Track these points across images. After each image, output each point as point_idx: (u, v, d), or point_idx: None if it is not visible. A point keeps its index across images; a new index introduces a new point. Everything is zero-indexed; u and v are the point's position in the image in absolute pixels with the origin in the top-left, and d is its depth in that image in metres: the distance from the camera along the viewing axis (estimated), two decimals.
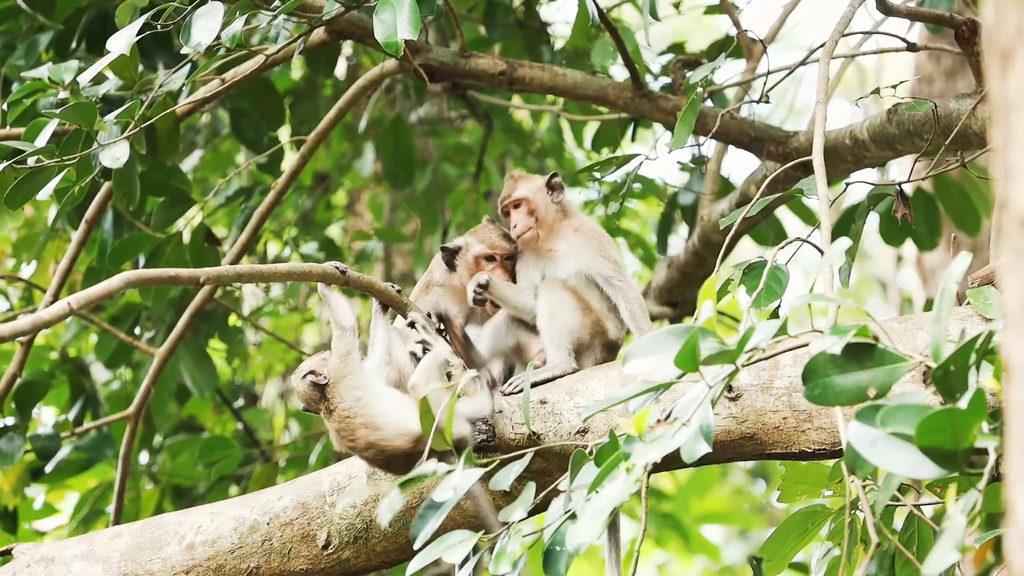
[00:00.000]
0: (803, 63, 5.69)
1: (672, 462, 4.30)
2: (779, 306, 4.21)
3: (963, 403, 2.68)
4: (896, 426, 2.76)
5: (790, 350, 3.35)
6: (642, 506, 3.53)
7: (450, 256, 4.78)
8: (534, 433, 4.32)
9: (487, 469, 3.51)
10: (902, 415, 2.78)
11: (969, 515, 2.78)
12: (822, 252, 4.19)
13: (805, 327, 3.18)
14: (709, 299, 3.15)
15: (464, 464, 3.43)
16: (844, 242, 3.33)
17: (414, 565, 3.44)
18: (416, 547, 3.47)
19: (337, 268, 4.41)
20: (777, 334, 3.08)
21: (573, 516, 3.35)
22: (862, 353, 2.97)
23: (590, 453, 3.50)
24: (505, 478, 3.49)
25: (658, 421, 3.11)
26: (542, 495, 3.62)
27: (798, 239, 4.30)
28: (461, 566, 3.59)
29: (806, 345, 3.12)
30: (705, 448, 3.07)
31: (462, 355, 4.46)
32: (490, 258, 4.73)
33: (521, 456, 3.54)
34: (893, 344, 3.00)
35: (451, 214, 8.50)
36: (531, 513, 3.79)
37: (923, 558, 3.95)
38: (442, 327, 4.54)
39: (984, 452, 2.92)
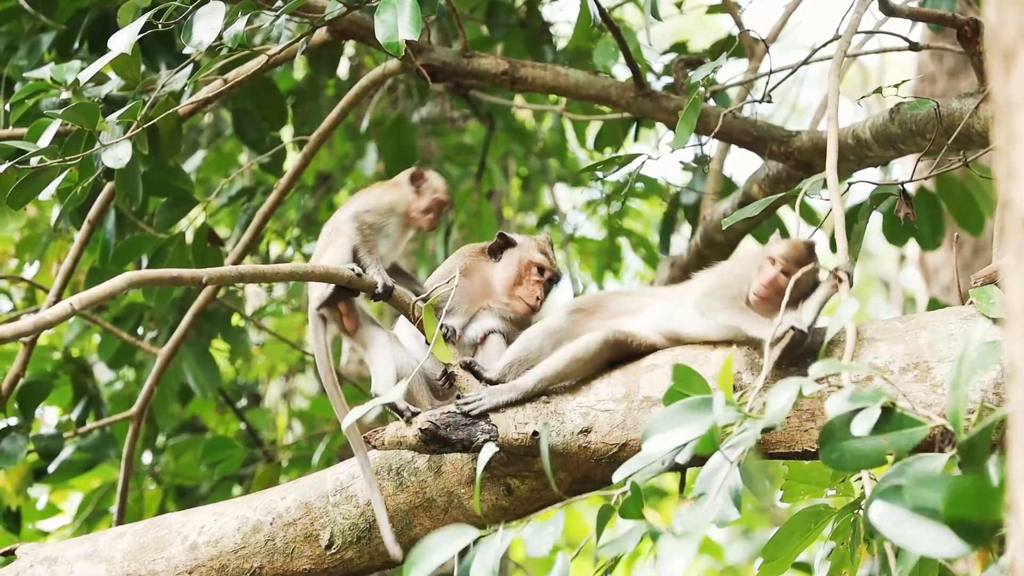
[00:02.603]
0: (805, 63, 5.68)
1: (677, 464, 4.31)
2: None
3: (993, 477, 2.65)
4: (922, 502, 2.73)
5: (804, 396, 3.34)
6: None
7: (504, 246, 4.77)
8: (536, 433, 4.32)
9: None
10: (928, 490, 2.74)
11: None
12: (833, 271, 4.18)
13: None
14: (726, 386, 3.16)
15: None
16: (852, 305, 3.35)
17: (424, 569, 3.39)
18: None
19: (353, 270, 4.45)
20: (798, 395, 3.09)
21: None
22: (880, 416, 2.97)
23: (615, 504, 3.47)
24: (541, 541, 3.44)
25: (681, 496, 3.12)
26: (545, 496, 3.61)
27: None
28: (461, 558, 3.57)
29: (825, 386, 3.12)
30: (735, 514, 3.08)
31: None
32: (540, 271, 4.73)
33: (553, 511, 3.50)
34: (912, 407, 3.00)
35: (454, 214, 8.50)
36: (532, 512, 3.79)
37: (927, 562, 3.95)
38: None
39: None
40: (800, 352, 4.04)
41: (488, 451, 3.56)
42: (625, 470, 3.29)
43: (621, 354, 4.40)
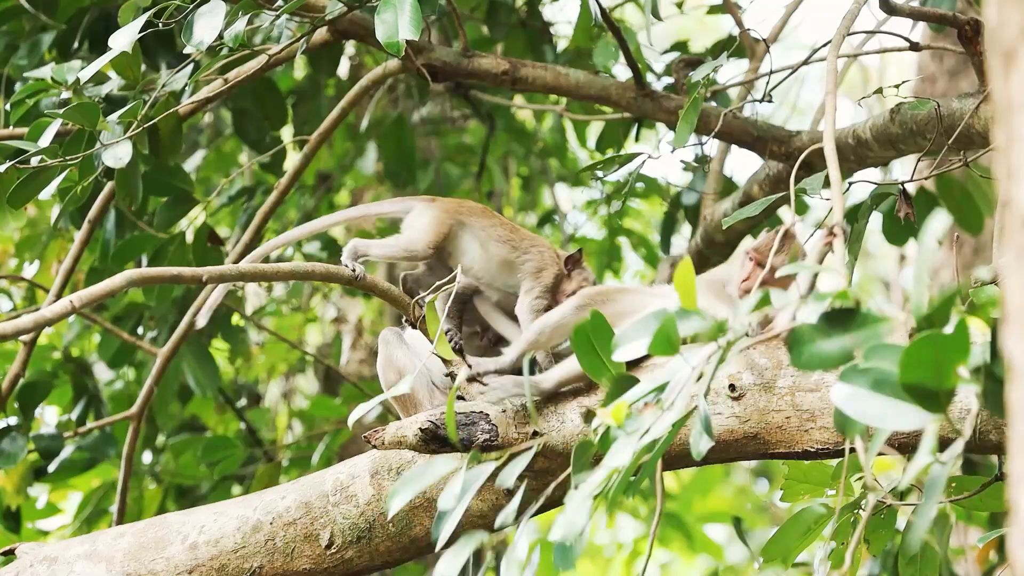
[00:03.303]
0: (806, 62, 5.68)
1: (677, 460, 4.31)
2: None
3: (948, 328, 2.68)
4: (879, 361, 2.76)
5: (774, 337, 3.34)
6: (657, 501, 3.50)
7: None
8: (537, 432, 4.32)
9: (496, 465, 3.50)
10: (884, 360, 2.79)
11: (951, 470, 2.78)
12: (829, 228, 4.18)
13: None
14: (688, 274, 3.14)
15: (469, 463, 3.43)
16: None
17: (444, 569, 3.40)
18: (437, 549, 3.46)
19: (353, 271, 4.46)
20: (758, 306, 3.08)
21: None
22: (846, 317, 2.97)
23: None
24: (509, 475, 3.47)
25: (645, 405, 3.10)
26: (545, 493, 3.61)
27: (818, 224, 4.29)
28: (474, 563, 3.58)
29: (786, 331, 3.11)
30: (708, 443, 3.07)
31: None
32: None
33: (525, 451, 3.53)
34: (876, 304, 2.99)
35: None
36: (535, 512, 3.78)
37: (926, 557, 3.96)
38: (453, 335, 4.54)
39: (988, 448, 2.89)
40: None
41: (464, 373, 3.62)
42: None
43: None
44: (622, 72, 6.66)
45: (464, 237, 4.73)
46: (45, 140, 5.03)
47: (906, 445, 4.05)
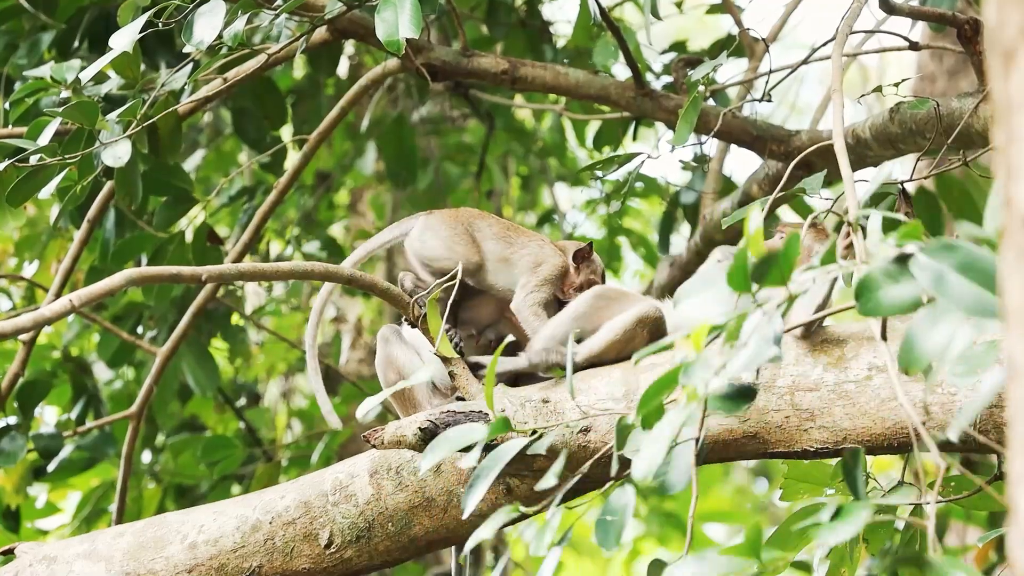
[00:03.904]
0: (805, 62, 5.68)
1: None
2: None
3: None
4: (975, 260, 2.69)
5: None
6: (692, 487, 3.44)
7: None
8: (536, 431, 4.32)
9: (531, 440, 3.49)
10: (983, 250, 2.73)
11: None
12: (849, 224, 4.18)
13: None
14: (756, 213, 3.09)
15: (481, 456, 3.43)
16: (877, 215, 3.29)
17: (474, 540, 3.38)
18: (465, 515, 3.45)
19: (352, 272, 4.46)
20: (826, 260, 3.04)
21: (624, 482, 3.30)
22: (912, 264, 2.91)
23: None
24: (540, 446, 3.44)
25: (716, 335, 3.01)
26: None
27: (823, 212, 4.28)
28: (474, 562, 3.59)
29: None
30: (775, 350, 2.98)
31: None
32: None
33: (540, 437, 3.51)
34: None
35: None
36: (533, 513, 3.78)
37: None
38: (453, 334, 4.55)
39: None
40: None
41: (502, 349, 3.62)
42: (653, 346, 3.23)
43: (654, 335, 4.43)
44: (621, 71, 6.66)
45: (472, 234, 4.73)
46: (44, 139, 5.03)
47: (905, 444, 4.05)
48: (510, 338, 4.54)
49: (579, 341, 4.46)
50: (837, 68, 4.55)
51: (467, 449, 3.74)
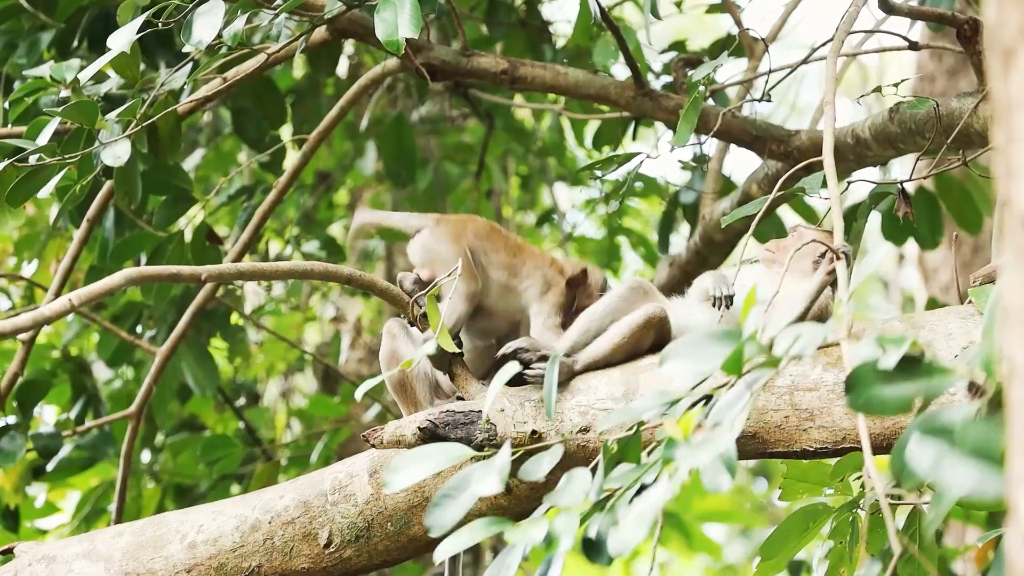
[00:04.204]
0: (805, 62, 5.68)
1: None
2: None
3: None
4: (975, 442, 2.67)
5: (827, 346, 3.33)
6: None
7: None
8: (535, 431, 4.32)
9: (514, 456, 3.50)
10: (980, 431, 2.69)
11: None
12: (832, 249, 4.19)
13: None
14: (755, 309, 3.14)
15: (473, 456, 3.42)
16: (880, 255, 3.33)
17: (444, 550, 3.38)
18: (434, 535, 3.44)
19: (350, 272, 4.45)
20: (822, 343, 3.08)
21: (603, 508, 3.32)
22: (907, 364, 2.95)
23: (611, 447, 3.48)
24: (537, 468, 3.46)
25: (698, 425, 3.10)
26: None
27: (810, 240, 4.29)
28: (474, 562, 3.59)
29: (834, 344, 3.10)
30: (728, 482, 3.06)
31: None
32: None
33: (549, 447, 3.52)
34: (935, 353, 2.98)
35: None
36: (531, 511, 3.78)
37: (924, 556, 3.95)
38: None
39: None
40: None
41: (511, 368, 3.62)
42: (631, 411, 3.28)
43: (660, 337, 4.43)
44: (621, 71, 6.66)
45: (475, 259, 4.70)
46: (44, 138, 5.03)
47: None
48: (520, 343, 4.52)
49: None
50: (831, 79, 4.55)
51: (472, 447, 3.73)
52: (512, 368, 3.67)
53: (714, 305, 4.40)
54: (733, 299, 4.40)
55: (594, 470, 3.36)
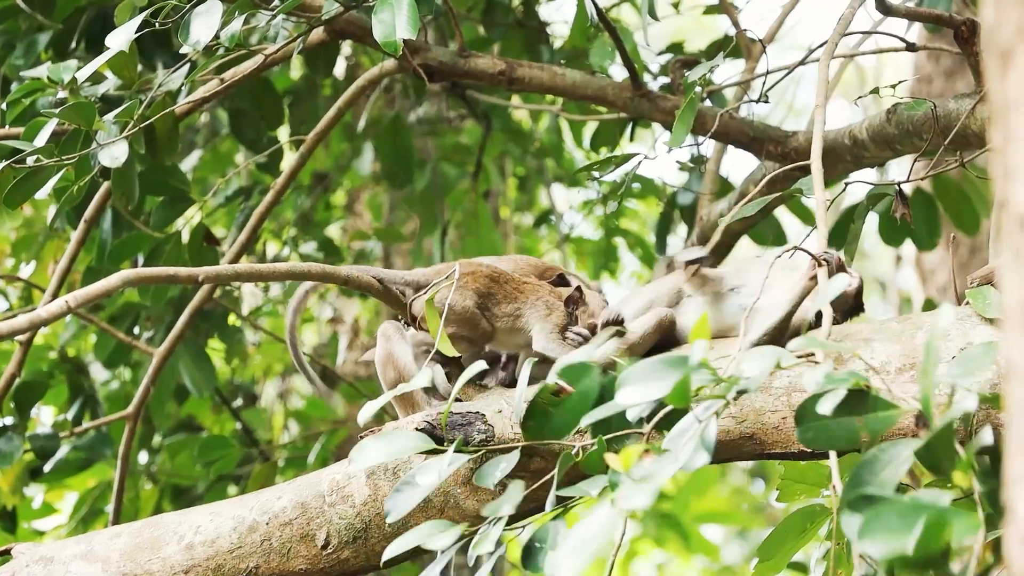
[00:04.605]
0: (802, 63, 5.69)
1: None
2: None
3: (945, 502, 2.65)
4: (882, 537, 2.71)
5: (782, 368, 3.35)
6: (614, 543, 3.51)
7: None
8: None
9: (474, 455, 3.52)
10: (890, 517, 2.72)
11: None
12: (814, 256, 4.20)
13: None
14: (702, 339, 3.15)
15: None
16: (841, 280, 3.36)
17: (391, 550, 3.44)
18: (389, 521, 3.46)
19: (348, 273, 4.44)
20: (773, 369, 3.10)
21: (556, 516, 3.35)
22: (856, 399, 2.99)
23: (577, 455, 3.52)
24: (491, 473, 3.49)
25: (646, 451, 3.08)
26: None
27: (794, 247, 4.29)
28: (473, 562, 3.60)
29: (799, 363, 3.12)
30: (705, 458, 3.06)
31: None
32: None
33: (510, 450, 3.54)
34: (887, 388, 3.01)
35: (450, 214, 8.50)
36: (529, 513, 3.79)
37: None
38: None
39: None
40: None
41: (528, 364, 3.64)
42: (592, 416, 3.31)
43: (667, 337, 4.45)
44: (618, 72, 6.66)
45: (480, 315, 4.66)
46: (41, 140, 5.03)
47: None
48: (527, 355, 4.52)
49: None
50: (822, 82, 4.55)
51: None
52: (479, 365, 3.73)
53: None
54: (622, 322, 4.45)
55: (551, 479, 3.39)
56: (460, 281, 4.55)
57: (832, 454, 3.36)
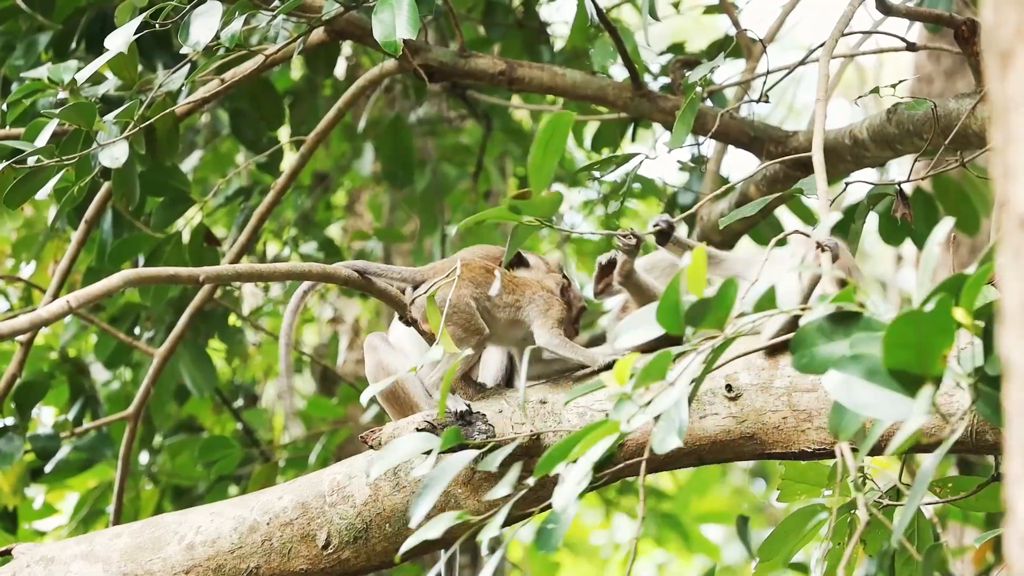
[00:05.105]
0: (803, 63, 5.69)
1: (674, 460, 4.31)
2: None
3: (928, 307, 2.67)
4: (868, 348, 2.75)
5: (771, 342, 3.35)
6: (639, 501, 3.50)
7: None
8: (534, 432, 4.32)
9: (479, 452, 3.52)
10: (870, 344, 2.79)
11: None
12: (819, 245, 4.20)
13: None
14: (700, 257, 3.12)
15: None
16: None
17: (408, 544, 3.43)
18: (412, 525, 3.46)
19: (355, 270, 4.43)
20: (762, 302, 3.09)
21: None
22: (849, 321, 2.96)
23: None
24: (493, 460, 3.49)
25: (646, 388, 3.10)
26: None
27: (796, 231, 4.29)
28: (447, 549, 3.61)
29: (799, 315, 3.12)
30: (676, 442, 3.06)
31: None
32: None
33: (512, 440, 3.54)
34: (880, 309, 2.99)
35: (450, 214, 8.49)
36: (529, 512, 3.79)
37: (923, 556, 3.96)
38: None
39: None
40: None
41: (527, 354, 3.66)
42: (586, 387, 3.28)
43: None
44: (619, 72, 6.66)
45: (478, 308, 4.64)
46: (42, 140, 5.03)
47: None
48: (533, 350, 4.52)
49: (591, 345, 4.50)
50: (823, 76, 4.55)
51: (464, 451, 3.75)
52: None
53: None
54: None
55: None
56: (471, 275, 4.55)
57: (842, 452, 3.34)
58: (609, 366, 4.42)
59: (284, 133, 7.44)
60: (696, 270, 3.08)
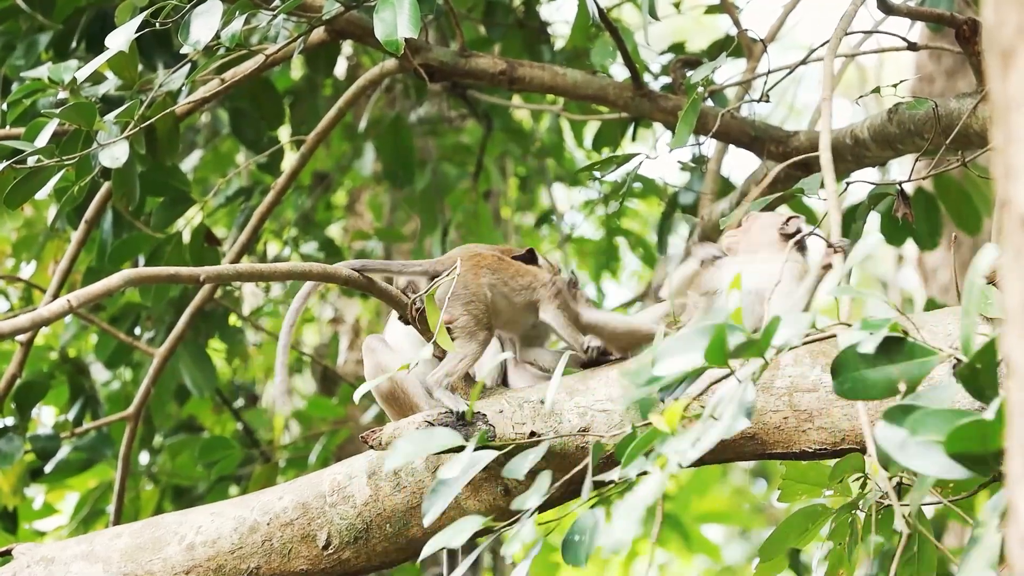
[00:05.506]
0: (803, 62, 5.68)
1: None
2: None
3: (990, 413, 2.62)
4: (926, 434, 2.71)
5: (816, 340, 3.33)
6: (658, 507, 3.49)
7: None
8: (534, 433, 4.32)
9: (501, 452, 3.51)
10: (931, 422, 2.73)
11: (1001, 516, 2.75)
12: (830, 244, 4.19)
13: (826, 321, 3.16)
14: (735, 289, 3.12)
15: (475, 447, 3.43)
16: (871, 241, 3.30)
17: (428, 549, 3.41)
18: (425, 523, 3.45)
19: (355, 269, 4.42)
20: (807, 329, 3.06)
21: (598, 504, 3.33)
22: (891, 347, 2.93)
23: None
24: (520, 467, 3.47)
25: (686, 419, 3.08)
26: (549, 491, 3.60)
27: (810, 231, 4.29)
28: (467, 552, 3.59)
29: (830, 337, 3.09)
30: (745, 422, 3.01)
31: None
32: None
33: (537, 443, 3.52)
34: (922, 337, 2.96)
35: (451, 214, 8.49)
36: (529, 513, 3.78)
37: (924, 556, 3.96)
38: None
39: None
40: None
41: (564, 357, 3.66)
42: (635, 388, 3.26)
43: None
44: (619, 72, 6.66)
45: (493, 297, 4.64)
46: (42, 140, 5.03)
47: None
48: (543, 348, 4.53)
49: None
50: (828, 76, 4.55)
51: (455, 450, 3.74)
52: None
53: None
54: None
55: (585, 469, 3.36)
56: (471, 262, 4.54)
57: (868, 444, 3.31)
58: (594, 359, 4.50)
59: (284, 133, 7.44)
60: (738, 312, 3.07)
